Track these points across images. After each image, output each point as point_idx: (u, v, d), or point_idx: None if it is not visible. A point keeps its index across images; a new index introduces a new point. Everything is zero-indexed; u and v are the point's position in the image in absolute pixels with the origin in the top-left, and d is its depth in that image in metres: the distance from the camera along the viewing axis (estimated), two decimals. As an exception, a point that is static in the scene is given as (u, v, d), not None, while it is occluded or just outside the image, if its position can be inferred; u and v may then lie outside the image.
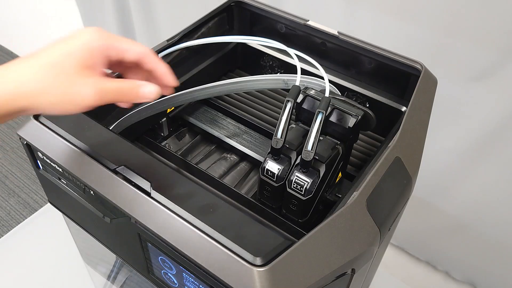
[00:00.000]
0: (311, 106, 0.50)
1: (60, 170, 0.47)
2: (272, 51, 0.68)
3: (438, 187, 1.00)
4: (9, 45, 2.09)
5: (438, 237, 1.09)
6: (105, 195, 0.42)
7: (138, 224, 0.41)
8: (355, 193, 0.41)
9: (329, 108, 0.48)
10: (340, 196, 0.51)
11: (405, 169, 0.48)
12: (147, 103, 0.54)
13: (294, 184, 0.47)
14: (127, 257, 0.52)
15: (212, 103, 0.64)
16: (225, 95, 0.65)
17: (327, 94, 0.48)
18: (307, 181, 0.46)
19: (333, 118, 0.49)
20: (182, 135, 0.63)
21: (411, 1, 0.79)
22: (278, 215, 0.48)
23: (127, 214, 0.41)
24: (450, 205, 1.02)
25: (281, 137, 0.47)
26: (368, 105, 0.62)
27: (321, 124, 0.46)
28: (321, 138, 0.48)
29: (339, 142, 0.50)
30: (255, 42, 0.60)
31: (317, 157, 0.47)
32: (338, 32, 0.59)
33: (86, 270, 0.83)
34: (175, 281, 0.46)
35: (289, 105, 0.48)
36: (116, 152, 0.44)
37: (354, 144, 0.59)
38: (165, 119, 0.60)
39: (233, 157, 0.60)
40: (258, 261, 0.35)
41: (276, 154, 0.48)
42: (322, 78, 0.53)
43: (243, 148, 0.58)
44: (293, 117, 0.51)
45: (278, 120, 0.47)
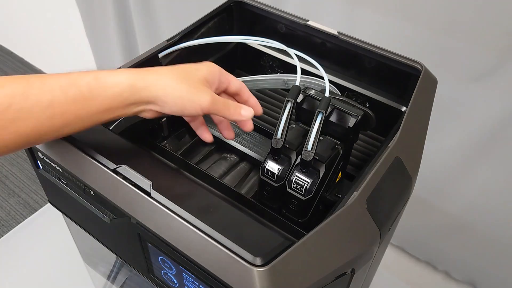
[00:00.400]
0: (311, 106, 0.50)
1: (60, 170, 0.47)
2: (272, 51, 0.68)
3: (438, 187, 1.00)
4: (9, 45, 2.09)
5: (438, 237, 1.09)
6: (105, 195, 0.42)
7: (138, 224, 0.41)
8: (355, 193, 0.41)
9: (329, 108, 0.48)
10: (340, 196, 0.51)
11: (405, 169, 0.48)
12: None
13: (294, 184, 0.47)
14: (127, 257, 0.52)
15: (212, 103, 0.64)
16: (225, 95, 0.65)
17: (327, 94, 0.48)
18: (307, 181, 0.46)
19: (333, 118, 0.49)
20: (182, 135, 0.63)
21: (411, 1, 0.79)
22: (278, 215, 0.48)
23: (127, 214, 0.41)
24: (450, 205, 1.02)
25: (281, 137, 0.47)
26: (368, 105, 0.62)
27: (321, 124, 0.46)
28: (321, 138, 0.48)
29: (339, 142, 0.50)
30: (255, 42, 0.60)
31: (317, 157, 0.47)
32: (338, 32, 0.59)
33: (86, 270, 0.83)
34: (175, 281, 0.46)
35: (289, 105, 0.48)
36: (116, 152, 0.44)
37: (354, 144, 0.59)
38: (165, 119, 0.60)
39: (233, 157, 0.60)
40: (258, 261, 0.35)
41: (276, 154, 0.48)
42: (322, 78, 0.53)
43: (243, 148, 0.58)
44: (293, 117, 0.51)
45: (278, 120, 0.47)
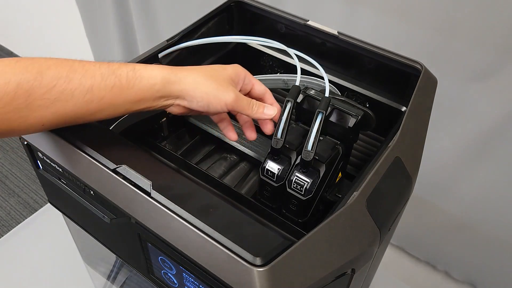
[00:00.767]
0: (311, 106, 0.50)
1: (60, 170, 0.47)
2: (272, 51, 0.68)
3: (438, 187, 1.00)
4: (9, 45, 2.09)
5: (438, 237, 1.09)
6: (105, 195, 0.42)
7: (138, 224, 0.41)
8: (355, 193, 0.41)
9: (329, 108, 0.48)
10: (340, 196, 0.51)
11: (405, 169, 0.48)
12: None
13: (294, 184, 0.47)
14: (127, 257, 0.52)
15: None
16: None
17: (327, 94, 0.48)
18: (307, 181, 0.46)
19: (333, 118, 0.49)
20: (182, 135, 0.63)
21: (411, 1, 0.79)
22: (278, 215, 0.48)
23: (127, 214, 0.41)
24: (450, 205, 1.02)
25: (281, 137, 0.47)
26: (368, 105, 0.62)
27: (321, 124, 0.46)
28: (321, 138, 0.48)
29: (339, 142, 0.50)
30: (255, 42, 0.60)
31: (317, 157, 0.47)
32: (338, 32, 0.59)
33: (86, 270, 0.83)
34: (175, 281, 0.45)
35: (289, 105, 0.48)
36: (116, 152, 0.44)
37: (354, 144, 0.59)
38: (165, 119, 0.60)
39: (233, 157, 0.60)
40: (258, 261, 0.35)
41: (276, 154, 0.48)
42: (322, 78, 0.53)
43: (243, 148, 0.58)
44: (293, 117, 0.51)
45: (278, 120, 0.47)
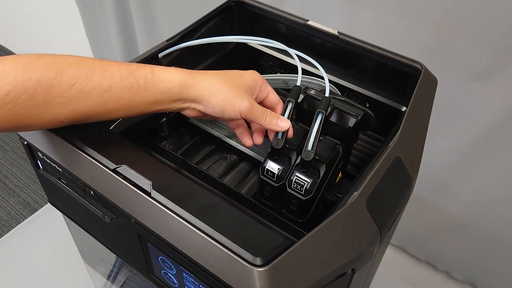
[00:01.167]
0: (311, 106, 0.50)
1: (60, 170, 0.47)
2: (272, 51, 0.68)
3: (438, 187, 1.00)
4: (9, 45, 2.09)
5: (438, 237, 1.09)
6: (105, 195, 0.42)
7: (138, 224, 0.41)
8: (355, 193, 0.41)
9: (329, 108, 0.48)
10: (340, 196, 0.51)
11: (405, 169, 0.48)
12: None
13: (294, 184, 0.47)
14: (127, 257, 0.52)
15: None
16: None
17: (327, 94, 0.48)
18: (307, 181, 0.46)
19: (333, 118, 0.49)
20: (182, 135, 0.63)
21: (411, 1, 0.79)
22: (278, 215, 0.48)
23: (127, 214, 0.41)
24: (451, 205, 1.02)
25: (281, 137, 0.47)
26: (368, 105, 0.62)
27: (321, 124, 0.46)
28: (321, 138, 0.48)
29: (339, 142, 0.50)
30: (255, 42, 0.60)
31: (317, 157, 0.47)
32: (338, 32, 0.59)
33: (86, 270, 0.83)
34: (175, 281, 0.45)
35: (289, 105, 0.48)
36: (116, 152, 0.44)
37: (354, 144, 0.59)
38: (165, 119, 0.60)
39: (233, 157, 0.60)
40: (258, 261, 0.35)
41: (276, 154, 0.48)
42: (322, 78, 0.53)
43: (243, 148, 0.58)
44: (293, 117, 0.51)
45: (278, 120, 0.47)
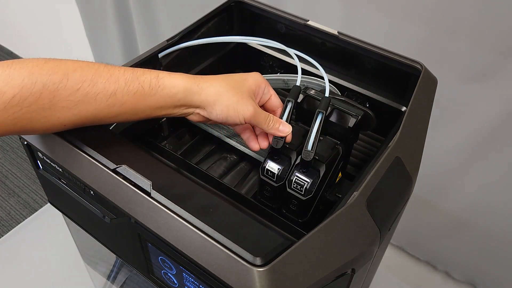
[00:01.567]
0: (311, 106, 0.50)
1: (60, 170, 0.47)
2: (272, 51, 0.68)
3: (438, 187, 1.00)
4: (9, 45, 2.09)
5: (438, 236, 1.09)
6: (105, 195, 0.42)
7: (138, 224, 0.41)
8: (355, 193, 0.41)
9: (329, 108, 0.48)
10: (340, 196, 0.51)
11: (405, 169, 0.48)
12: None
13: (294, 184, 0.47)
14: (127, 257, 0.52)
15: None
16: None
17: (327, 94, 0.48)
18: (307, 181, 0.46)
19: (333, 118, 0.49)
20: (182, 135, 0.63)
21: (411, 1, 0.79)
22: (278, 215, 0.48)
23: (127, 214, 0.41)
24: (450, 205, 1.02)
25: (281, 137, 0.47)
26: (368, 105, 0.62)
27: (321, 124, 0.46)
28: (321, 138, 0.48)
29: (339, 142, 0.50)
30: (255, 42, 0.60)
31: (317, 157, 0.47)
32: (338, 32, 0.59)
33: (86, 270, 0.83)
34: (175, 281, 0.45)
35: (289, 105, 0.48)
36: (116, 152, 0.44)
37: (354, 144, 0.59)
38: (165, 119, 0.60)
39: (233, 157, 0.60)
40: (258, 261, 0.35)
41: (276, 154, 0.48)
42: (322, 78, 0.53)
43: (243, 148, 0.58)
44: (293, 117, 0.51)
45: (278, 120, 0.47)
